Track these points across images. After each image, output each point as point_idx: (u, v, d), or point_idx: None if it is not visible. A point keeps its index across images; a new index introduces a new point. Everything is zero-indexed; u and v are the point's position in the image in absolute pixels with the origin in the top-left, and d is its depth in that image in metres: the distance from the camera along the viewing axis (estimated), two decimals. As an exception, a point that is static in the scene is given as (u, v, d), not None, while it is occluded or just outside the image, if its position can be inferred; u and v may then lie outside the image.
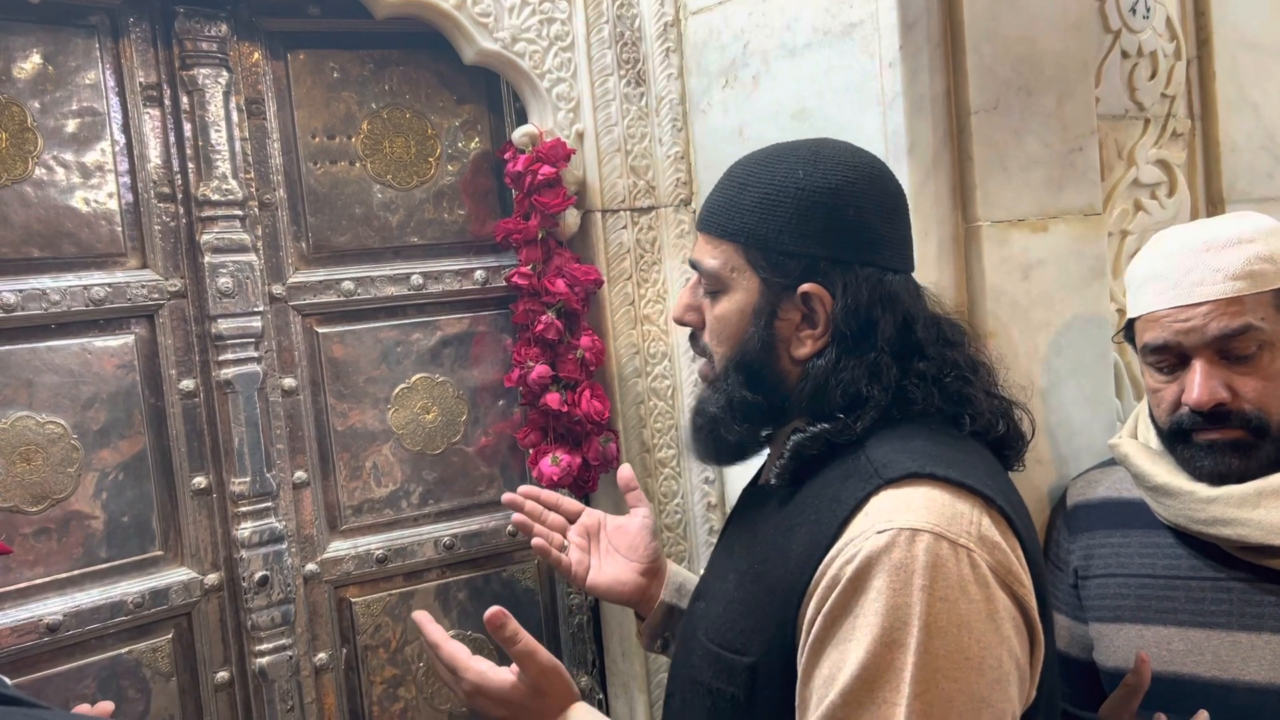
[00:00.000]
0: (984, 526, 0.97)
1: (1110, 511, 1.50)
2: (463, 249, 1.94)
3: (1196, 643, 1.33)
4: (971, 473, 1.01)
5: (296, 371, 1.79)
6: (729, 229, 1.13)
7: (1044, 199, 1.70)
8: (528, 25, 1.83)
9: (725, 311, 1.14)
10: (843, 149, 1.14)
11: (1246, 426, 1.29)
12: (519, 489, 1.50)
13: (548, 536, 1.45)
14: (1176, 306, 1.32)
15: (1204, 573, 1.35)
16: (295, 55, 1.79)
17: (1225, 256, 1.30)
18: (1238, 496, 1.28)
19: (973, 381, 1.11)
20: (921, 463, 1.00)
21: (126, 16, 1.64)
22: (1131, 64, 1.94)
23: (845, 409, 1.07)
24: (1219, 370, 1.30)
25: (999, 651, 0.94)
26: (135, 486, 1.66)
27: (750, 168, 1.15)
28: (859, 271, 1.08)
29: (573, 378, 1.86)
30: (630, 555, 1.42)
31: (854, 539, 0.96)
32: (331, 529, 1.84)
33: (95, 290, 1.60)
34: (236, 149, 1.71)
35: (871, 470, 1.02)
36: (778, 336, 1.11)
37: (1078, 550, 1.52)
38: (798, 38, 1.72)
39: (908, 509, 0.96)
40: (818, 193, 1.09)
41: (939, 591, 0.92)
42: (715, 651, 1.09)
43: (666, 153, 1.95)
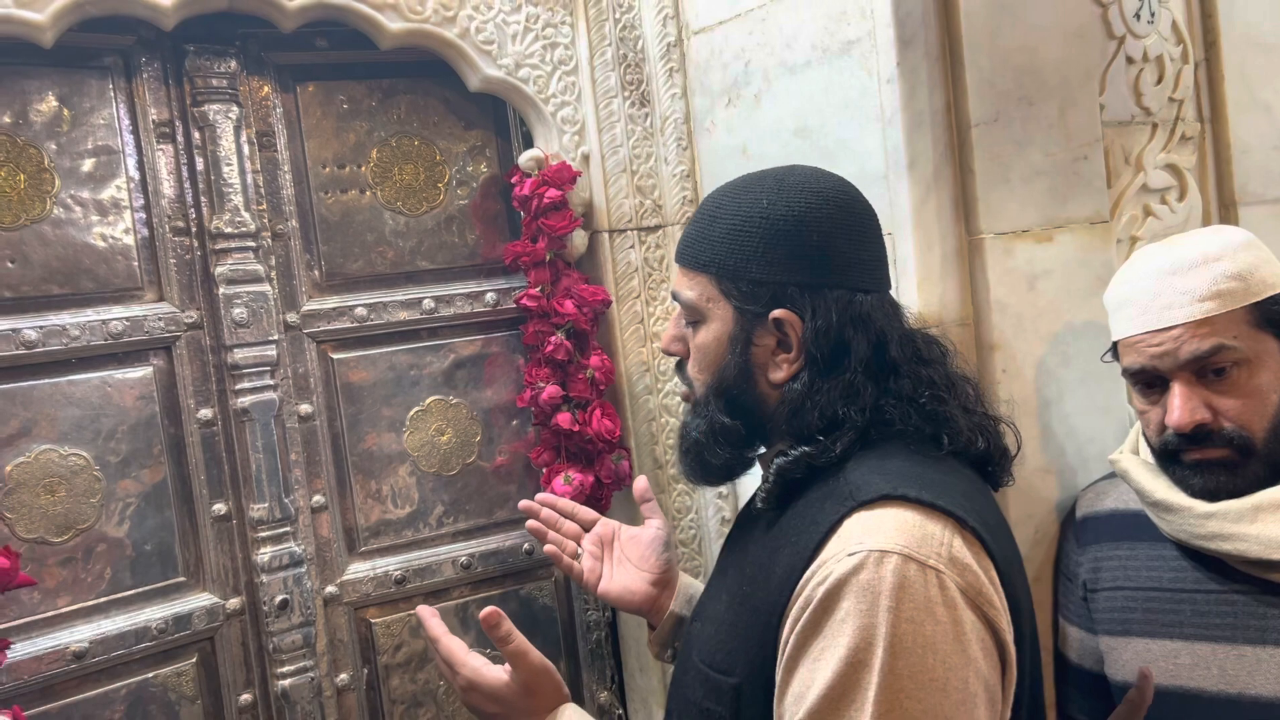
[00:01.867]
0: (954, 548, 0.98)
1: (1118, 524, 1.50)
2: (473, 272, 1.97)
3: (1203, 656, 1.32)
4: (945, 493, 1.02)
5: (312, 398, 1.82)
6: (702, 260, 1.16)
7: (1048, 209, 1.70)
8: (531, 51, 1.86)
9: (704, 341, 1.17)
10: (808, 175, 1.16)
11: (1230, 445, 1.29)
12: (536, 496, 1.52)
13: (561, 544, 1.47)
14: (1148, 331, 1.32)
15: (1208, 586, 1.34)
16: (304, 88, 1.82)
17: (1192, 278, 1.29)
18: (1235, 512, 1.28)
19: (947, 399, 1.12)
20: (895, 484, 1.01)
21: (139, 56, 1.68)
22: (1137, 69, 1.92)
23: (823, 431, 1.09)
24: (1197, 391, 1.29)
25: (965, 673, 0.94)
26: (157, 515, 1.69)
27: (720, 200, 1.18)
28: (828, 295, 1.10)
29: (583, 397, 1.88)
30: (642, 565, 1.44)
31: (827, 561, 0.98)
32: (350, 551, 1.87)
33: (114, 324, 1.64)
34: (249, 181, 1.74)
35: (846, 492, 1.03)
36: (754, 362, 1.14)
37: (1086, 562, 1.52)
38: (797, 56, 1.73)
39: (878, 531, 0.98)
40: (782, 220, 1.11)
41: (905, 612, 0.93)
42: (705, 672, 1.12)
43: (672, 172, 1.97)
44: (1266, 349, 1.29)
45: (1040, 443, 1.67)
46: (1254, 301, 1.28)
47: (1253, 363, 1.28)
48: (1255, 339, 1.28)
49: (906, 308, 1.22)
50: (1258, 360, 1.28)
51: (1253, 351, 1.28)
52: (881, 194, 1.62)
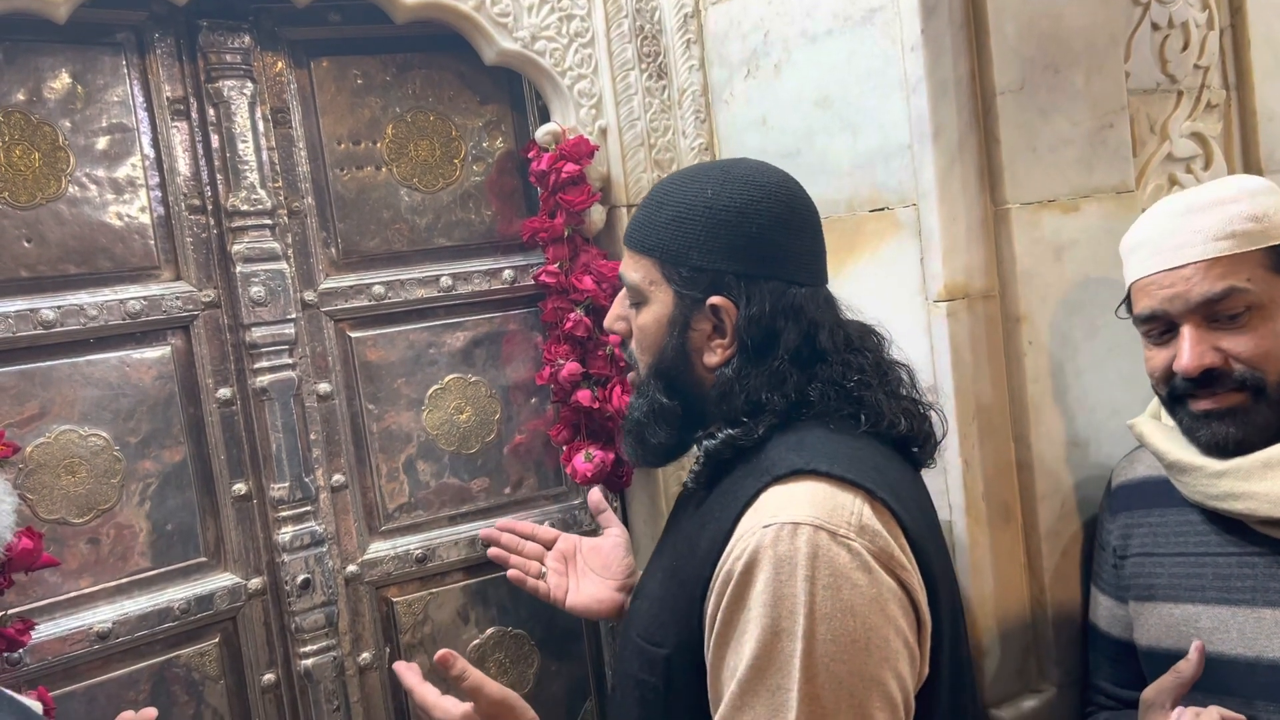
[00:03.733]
0: (865, 516, 1.04)
1: (1148, 491, 1.48)
2: (491, 249, 1.95)
3: (1222, 620, 1.31)
4: (856, 466, 1.08)
5: (331, 376, 1.81)
6: (647, 244, 1.22)
7: (1074, 179, 1.68)
8: (547, 23, 1.83)
9: (645, 322, 1.23)
10: (753, 169, 1.22)
11: (1242, 388, 1.27)
12: (497, 523, 1.66)
13: (524, 566, 1.59)
14: (1160, 271, 1.31)
15: (1229, 549, 1.34)
16: (318, 63, 1.80)
17: (1207, 217, 1.28)
18: (1245, 469, 1.27)
19: (873, 384, 1.17)
20: (807, 459, 1.08)
21: (152, 32, 1.66)
22: (1162, 35, 1.90)
23: (748, 414, 1.15)
24: (1207, 335, 1.28)
25: (885, 632, 1.00)
26: (177, 495, 1.69)
27: (668, 187, 1.24)
28: (763, 285, 1.16)
29: (603, 374, 1.86)
30: (605, 573, 1.54)
31: (744, 535, 1.04)
32: (371, 531, 1.86)
33: (131, 304, 1.63)
34: (264, 159, 1.73)
35: (764, 468, 1.10)
36: (691, 346, 1.20)
37: (1117, 530, 1.51)
38: (818, 25, 1.71)
39: (791, 504, 1.04)
40: (724, 211, 1.17)
41: (821, 580, 0.99)
42: (640, 645, 1.18)
43: (690, 145, 1.95)
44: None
45: (1065, 415, 1.65)
46: (1271, 245, 1.26)
47: (1267, 307, 1.26)
48: (1271, 283, 1.26)
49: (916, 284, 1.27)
50: (1273, 305, 1.26)
51: (1268, 295, 1.26)
52: (905, 164, 1.60)
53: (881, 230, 1.65)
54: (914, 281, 1.60)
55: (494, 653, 1.94)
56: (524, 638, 1.96)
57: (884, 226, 1.64)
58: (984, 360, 1.61)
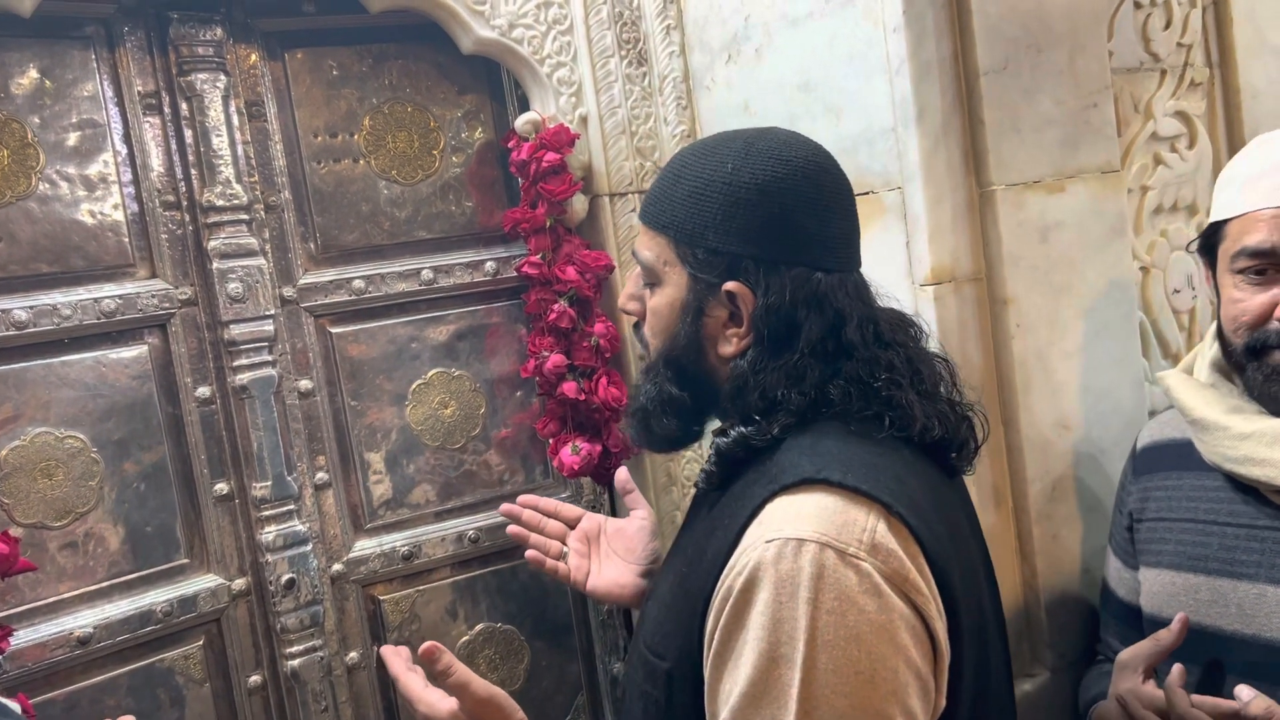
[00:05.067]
0: (878, 534, 0.94)
1: (1172, 453, 1.43)
2: (472, 241, 1.92)
3: (1222, 593, 1.28)
4: (872, 477, 0.98)
5: (312, 373, 1.78)
6: (662, 221, 1.11)
7: (1059, 159, 1.66)
8: (525, 11, 1.81)
9: (658, 305, 1.13)
10: (780, 143, 1.10)
11: None
12: (519, 499, 1.50)
13: (543, 546, 1.46)
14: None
15: (1240, 519, 1.29)
16: (293, 54, 1.77)
17: None
18: (1271, 434, 1.22)
19: (903, 384, 1.06)
20: (819, 466, 0.98)
21: (121, 25, 1.63)
22: (1145, 14, 1.88)
23: (763, 411, 1.05)
24: None
25: (894, 662, 0.91)
26: (157, 496, 1.66)
27: (686, 158, 1.12)
28: (784, 271, 1.06)
29: (588, 365, 1.84)
30: (629, 557, 1.43)
31: (746, 549, 0.95)
32: (355, 528, 1.84)
33: (106, 303, 1.60)
34: (239, 153, 1.70)
35: (772, 474, 1.00)
36: (705, 333, 1.10)
37: (1136, 492, 1.47)
38: (799, 8, 1.69)
39: (797, 517, 0.94)
40: (744, 189, 1.06)
41: (825, 603, 0.90)
42: (645, 654, 1.10)
43: (672, 132, 1.92)
44: None
45: (1054, 398, 1.64)
46: None
47: None
48: None
49: (902, 268, 1.16)
50: None
51: None
52: (890, 147, 1.58)
53: (867, 214, 1.62)
54: (900, 265, 1.59)
55: (484, 649, 1.92)
56: (514, 633, 1.94)
57: (869, 210, 1.62)
58: (971, 344, 1.60)
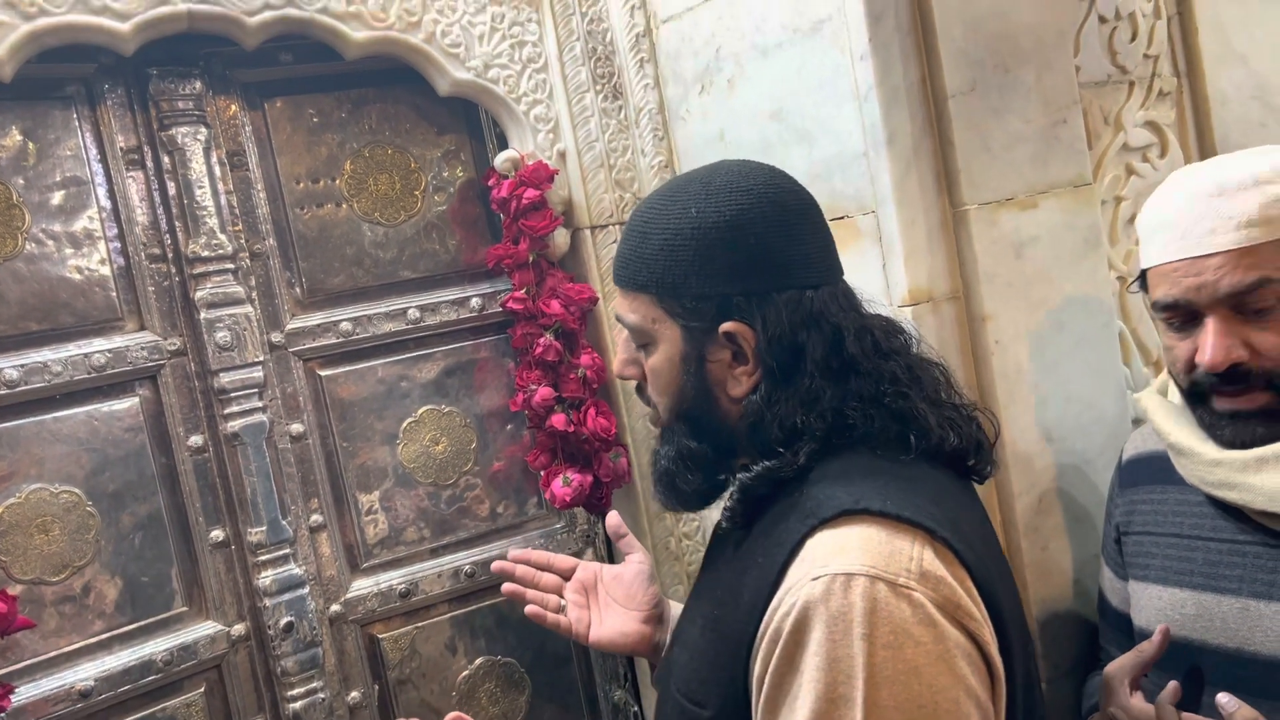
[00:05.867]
0: (925, 561, 0.93)
1: (1157, 466, 1.42)
2: (457, 278, 1.94)
3: (1208, 608, 1.28)
4: (911, 502, 0.96)
5: (303, 416, 1.80)
6: (639, 281, 1.10)
7: (1030, 176, 1.69)
8: (499, 51, 1.83)
9: (657, 364, 1.11)
10: (735, 174, 1.09)
11: (1270, 387, 1.19)
12: (510, 554, 1.46)
13: (542, 600, 1.41)
14: (1186, 259, 1.20)
15: (1223, 534, 1.29)
16: (272, 104, 1.80)
17: (1239, 201, 1.16)
18: (1240, 461, 1.22)
19: (911, 394, 1.06)
20: (857, 497, 0.96)
21: (101, 84, 1.65)
22: (1110, 27, 1.91)
23: (784, 443, 1.03)
24: (1234, 327, 1.18)
25: (955, 693, 0.89)
26: (154, 546, 1.67)
27: (648, 214, 1.11)
28: (776, 299, 1.05)
29: (576, 397, 1.86)
30: (629, 605, 1.38)
31: (792, 587, 0.93)
32: (352, 568, 1.85)
33: (96, 358, 1.62)
34: (222, 203, 1.72)
35: (808, 509, 0.98)
36: (711, 379, 1.09)
37: (1123, 504, 1.47)
38: (768, 38, 1.71)
39: (842, 551, 0.92)
40: (714, 229, 1.05)
41: (881, 638, 0.88)
42: (681, 703, 1.07)
43: (650, 163, 1.95)
44: None
45: (1037, 411, 1.66)
46: None
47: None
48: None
49: (879, 292, 1.16)
50: None
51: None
52: (862, 172, 1.61)
53: (842, 238, 1.64)
54: (877, 287, 1.61)
55: (484, 682, 1.93)
56: (514, 665, 1.95)
57: (845, 234, 1.64)
58: (952, 361, 1.61)
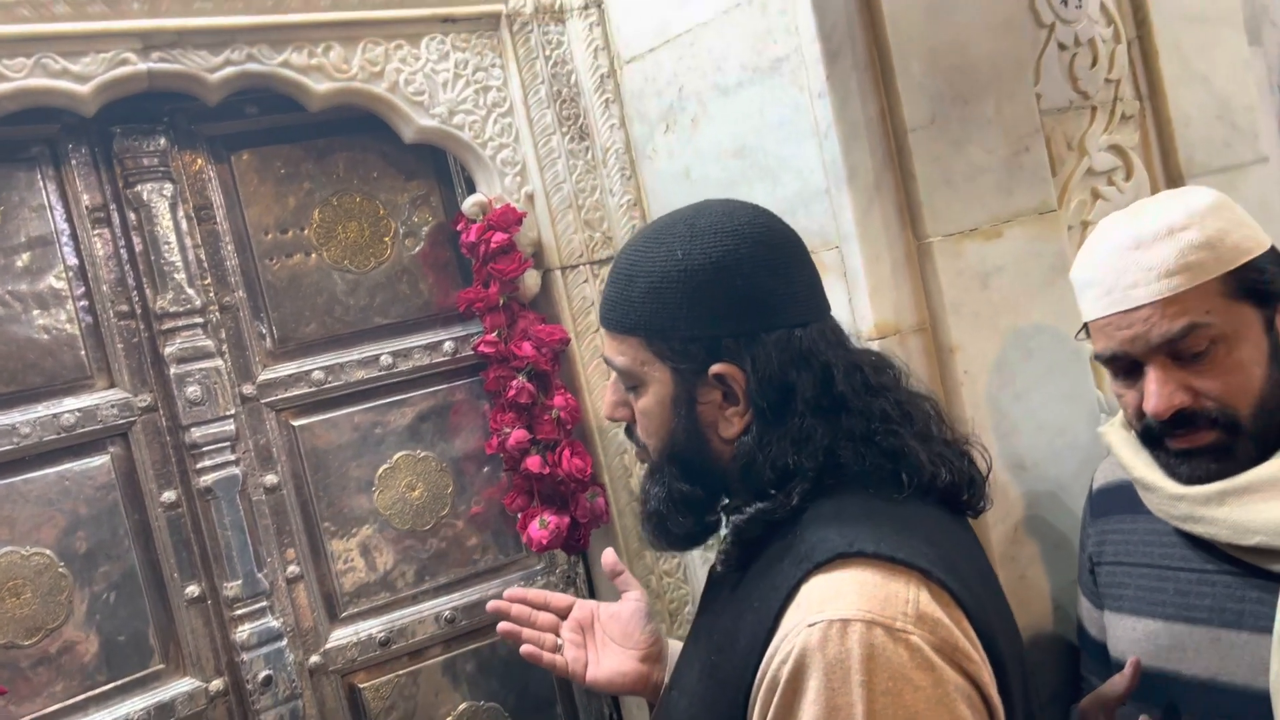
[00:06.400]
0: (922, 603, 0.92)
1: (1126, 496, 1.43)
2: (429, 322, 1.95)
3: (1180, 638, 1.28)
4: (906, 543, 0.96)
5: (277, 467, 1.80)
6: (627, 324, 1.11)
7: (994, 205, 1.70)
8: (463, 97, 1.84)
9: (647, 406, 1.12)
10: (719, 215, 1.10)
11: (1215, 426, 1.21)
12: (506, 593, 1.43)
13: (538, 640, 1.38)
14: (1115, 313, 1.23)
15: (1193, 564, 1.30)
16: (238, 156, 1.80)
17: (1157, 252, 1.19)
18: (1201, 496, 1.23)
19: (901, 430, 1.06)
20: (850, 539, 0.96)
21: (65, 144, 1.66)
22: (1070, 54, 1.93)
23: (777, 484, 1.03)
24: (1174, 373, 1.20)
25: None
26: (128, 604, 1.66)
27: (634, 257, 1.12)
28: (765, 339, 1.05)
29: (551, 438, 1.86)
30: (626, 643, 1.36)
31: (788, 634, 0.93)
32: (331, 618, 1.84)
33: (65, 418, 1.62)
34: (190, 257, 1.72)
35: (802, 552, 0.98)
36: (703, 421, 1.09)
37: (1094, 534, 1.48)
38: (728, 77, 1.73)
39: (837, 596, 0.92)
40: (700, 271, 1.06)
41: (879, 685, 0.88)
42: None
43: (619, 202, 1.96)
44: (1245, 320, 1.19)
45: (1009, 440, 1.66)
46: (1227, 271, 1.18)
47: (1231, 338, 1.19)
48: (1232, 311, 1.18)
49: (847, 326, 1.17)
50: (1236, 334, 1.19)
51: (1230, 325, 1.18)
52: (825, 208, 1.61)
53: (809, 274, 1.66)
54: (844, 322, 1.57)
55: (468, 728, 1.92)
56: (498, 710, 1.94)
57: (811, 270, 1.65)
58: (922, 394, 1.62)
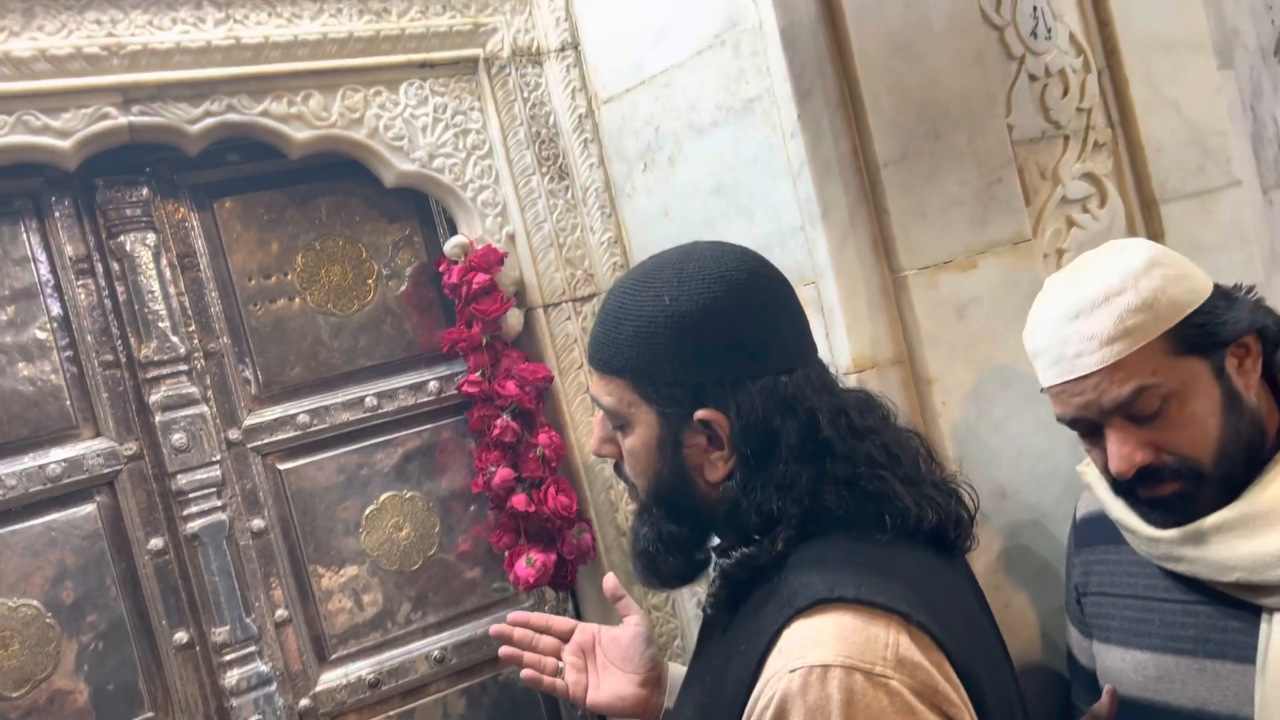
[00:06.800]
0: (902, 648, 0.93)
1: (1110, 525, 1.44)
2: (414, 363, 1.96)
3: (1167, 669, 1.30)
4: (887, 587, 0.97)
5: (264, 512, 1.81)
6: (614, 366, 1.12)
7: (968, 237, 1.72)
8: (443, 141, 1.87)
9: (633, 446, 1.13)
10: (708, 259, 1.11)
11: (1179, 478, 1.23)
12: (508, 617, 1.45)
13: (538, 664, 1.41)
14: (1065, 382, 1.26)
15: (1175, 595, 1.32)
16: (221, 204, 1.82)
17: (1096, 320, 1.22)
18: (1178, 538, 1.25)
19: (887, 475, 1.06)
20: (831, 584, 0.97)
21: (49, 196, 1.68)
22: (1041, 85, 1.95)
23: (761, 529, 1.04)
24: (1133, 433, 1.23)
25: None
26: (117, 653, 1.67)
27: (622, 299, 1.13)
28: (750, 386, 1.06)
29: (536, 476, 1.87)
30: (626, 667, 1.37)
31: (770, 679, 0.94)
32: (320, 661, 1.84)
33: (51, 468, 1.63)
34: (174, 305, 1.74)
35: (785, 597, 0.99)
36: (688, 464, 1.10)
37: (1080, 565, 1.50)
38: (703, 117, 1.75)
39: (818, 642, 0.93)
40: (686, 318, 1.06)
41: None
42: None
43: (599, 240, 1.98)
44: (1193, 373, 1.21)
45: (989, 469, 1.68)
46: (1167, 329, 1.20)
47: (1182, 393, 1.21)
48: (1177, 367, 1.21)
49: (833, 368, 1.18)
50: (1186, 389, 1.21)
51: (1178, 382, 1.20)
52: (800, 245, 1.64)
53: (787, 309, 1.68)
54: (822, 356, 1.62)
55: (460, 768, 1.92)
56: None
57: (789, 305, 1.67)
58: (901, 426, 1.63)
